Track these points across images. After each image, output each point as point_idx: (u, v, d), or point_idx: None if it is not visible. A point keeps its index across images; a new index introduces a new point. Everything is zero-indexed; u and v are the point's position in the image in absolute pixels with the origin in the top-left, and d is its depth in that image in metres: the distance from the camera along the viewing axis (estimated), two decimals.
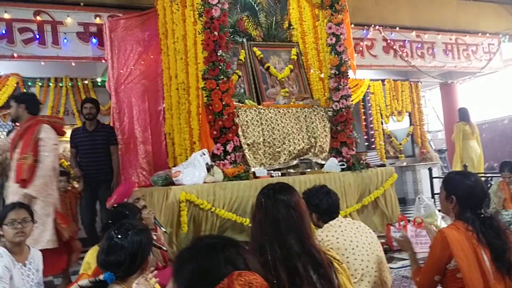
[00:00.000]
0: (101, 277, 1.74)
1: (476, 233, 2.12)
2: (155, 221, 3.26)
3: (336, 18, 5.47)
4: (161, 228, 3.35)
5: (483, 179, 6.96)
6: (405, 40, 8.82)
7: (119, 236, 1.75)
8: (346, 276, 1.83)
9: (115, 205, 2.82)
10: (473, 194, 2.21)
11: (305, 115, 5.31)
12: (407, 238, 2.59)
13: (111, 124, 5.99)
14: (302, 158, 5.28)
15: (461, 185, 2.25)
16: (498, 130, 11.30)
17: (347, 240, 2.46)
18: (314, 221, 2.67)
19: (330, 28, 5.49)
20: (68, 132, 7.47)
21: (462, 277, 2.08)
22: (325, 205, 2.61)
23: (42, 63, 6.43)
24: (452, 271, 2.15)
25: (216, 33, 4.62)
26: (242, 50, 5.70)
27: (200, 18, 4.74)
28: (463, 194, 2.23)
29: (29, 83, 7.09)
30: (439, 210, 4.89)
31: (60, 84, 7.27)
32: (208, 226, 4.26)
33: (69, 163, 7.39)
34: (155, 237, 2.99)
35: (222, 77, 4.64)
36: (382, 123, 9.60)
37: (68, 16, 6.14)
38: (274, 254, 1.73)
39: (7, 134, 5.89)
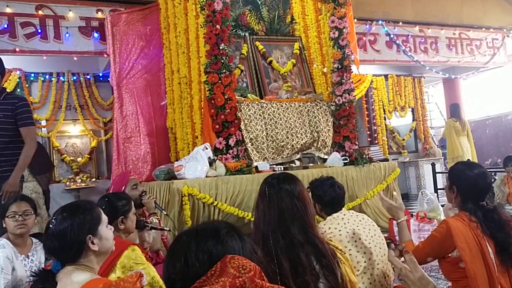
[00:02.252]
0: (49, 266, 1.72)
1: (480, 224, 2.10)
2: (155, 205, 3.26)
3: (339, 11, 5.44)
4: (162, 211, 3.35)
5: None
6: (408, 35, 8.77)
7: (50, 222, 1.69)
8: (349, 266, 1.81)
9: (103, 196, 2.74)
10: (475, 186, 2.19)
11: (308, 110, 5.29)
12: (401, 205, 2.55)
13: (114, 119, 5.98)
14: (304, 152, 5.26)
15: (463, 176, 2.23)
16: (502, 125, 11.24)
17: (350, 233, 2.44)
18: (317, 212, 2.66)
19: (332, 22, 5.46)
20: (69, 128, 7.51)
21: (464, 267, 2.06)
22: (328, 197, 2.58)
23: (44, 58, 6.43)
24: (454, 260, 2.13)
25: (218, 26, 4.61)
26: (245, 44, 5.68)
27: (202, 12, 4.72)
28: (465, 184, 2.21)
29: (31, 78, 7.10)
30: (442, 205, 4.87)
31: (62, 79, 7.27)
32: (211, 220, 4.26)
33: (72, 158, 7.42)
34: (156, 221, 2.98)
35: (224, 71, 4.63)
36: (385, 119, 9.56)
37: (70, 10, 6.12)
38: (277, 243, 1.73)
39: None
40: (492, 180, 6.00)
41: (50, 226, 1.67)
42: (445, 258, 2.20)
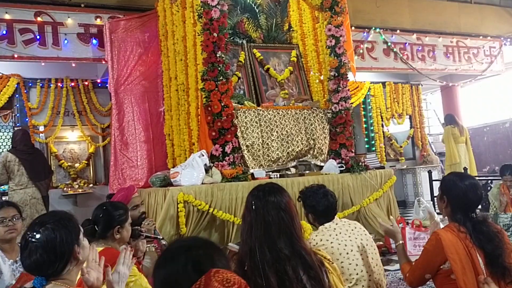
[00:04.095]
0: (28, 285, 1.63)
1: (469, 234, 2.11)
2: (154, 232, 3.24)
3: (335, 20, 5.48)
4: (161, 241, 3.31)
5: (482, 182, 6.93)
6: (405, 43, 8.82)
7: (32, 235, 1.61)
8: (337, 276, 1.82)
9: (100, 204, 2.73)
10: (465, 197, 2.20)
11: (304, 117, 5.30)
12: (396, 228, 2.57)
13: (112, 125, 6.01)
14: (301, 159, 5.27)
15: (453, 187, 2.25)
16: (500, 133, 11.27)
17: (342, 244, 2.43)
18: (310, 221, 2.66)
19: (329, 30, 5.49)
20: (66, 133, 7.52)
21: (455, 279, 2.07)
22: (321, 207, 2.57)
23: (43, 64, 6.45)
24: (446, 272, 2.14)
25: (215, 34, 4.63)
26: (242, 52, 5.71)
27: (200, 20, 4.75)
28: (454, 195, 2.23)
29: (30, 84, 7.12)
30: (438, 213, 4.87)
31: (61, 85, 7.29)
32: (207, 227, 4.26)
33: (69, 163, 7.43)
34: (153, 249, 2.97)
35: (221, 78, 4.65)
36: (382, 126, 9.59)
37: (68, 17, 6.16)
38: (264, 258, 1.72)
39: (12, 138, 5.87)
40: (488, 188, 6.01)
41: (32, 239, 1.60)
42: (438, 271, 2.21)
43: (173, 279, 1.17)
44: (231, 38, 5.48)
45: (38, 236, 1.60)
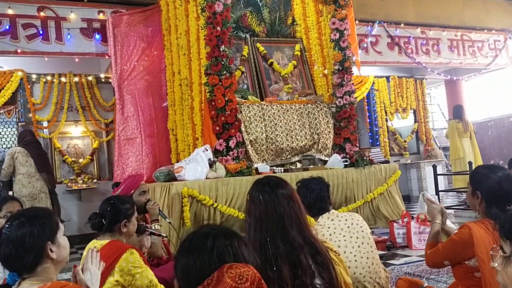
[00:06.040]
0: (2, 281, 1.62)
1: None
2: (159, 213, 3.26)
3: (339, 13, 5.45)
4: (166, 219, 3.34)
5: None
6: (410, 37, 8.76)
7: (7, 227, 1.59)
8: (343, 267, 1.80)
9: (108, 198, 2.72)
10: (500, 189, 2.05)
11: (308, 111, 5.28)
12: (440, 207, 2.43)
13: (115, 120, 6.01)
14: (305, 154, 5.25)
15: (486, 180, 2.10)
16: (504, 127, 11.19)
17: (334, 246, 2.35)
18: None
19: (333, 23, 5.46)
20: (70, 129, 7.53)
21: (480, 277, 1.97)
22: (311, 198, 2.50)
23: (46, 59, 6.44)
24: (470, 268, 2.05)
25: (218, 28, 4.61)
26: (246, 46, 5.69)
27: (203, 13, 4.73)
28: (489, 189, 2.08)
29: (33, 79, 7.11)
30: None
31: (64, 80, 7.28)
32: (211, 222, 4.26)
33: (73, 159, 7.45)
34: (158, 227, 2.98)
35: (224, 72, 4.63)
36: (386, 120, 9.54)
37: (71, 12, 6.15)
38: (276, 250, 1.70)
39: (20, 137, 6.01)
40: None
41: (6, 232, 1.58)
42: (460, 264, 2.11)
43: (198, 267, 1.17)
44: (235, 32, 5.46)
45: (9, 228, 1.58)
